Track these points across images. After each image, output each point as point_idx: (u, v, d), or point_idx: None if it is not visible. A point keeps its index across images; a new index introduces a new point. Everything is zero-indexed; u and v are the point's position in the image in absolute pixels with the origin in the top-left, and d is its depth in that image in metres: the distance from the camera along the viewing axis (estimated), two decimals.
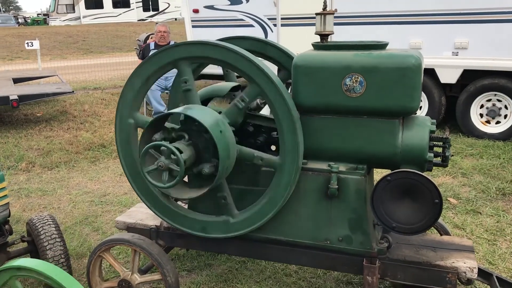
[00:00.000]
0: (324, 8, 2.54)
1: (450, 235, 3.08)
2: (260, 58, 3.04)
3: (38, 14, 56.08)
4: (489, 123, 6.45)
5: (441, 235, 3.08)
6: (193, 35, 8.42)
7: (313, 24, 2.63)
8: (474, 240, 3.69)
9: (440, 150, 2.51)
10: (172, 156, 2.21)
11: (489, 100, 6.40)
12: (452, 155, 2.62)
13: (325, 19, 2.56)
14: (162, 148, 2.23)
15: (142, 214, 3.09)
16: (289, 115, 2.33)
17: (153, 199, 2.72)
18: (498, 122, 6.41)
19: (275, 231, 2.63)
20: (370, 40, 2.57)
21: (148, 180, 2.29)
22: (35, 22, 43.41)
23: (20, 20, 46.90)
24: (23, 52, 19.63)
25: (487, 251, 3.52)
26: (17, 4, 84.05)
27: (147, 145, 2.28)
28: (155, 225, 2.93)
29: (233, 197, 2.64)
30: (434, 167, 2.52)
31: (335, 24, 2.70)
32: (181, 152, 2.23)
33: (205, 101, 2.78)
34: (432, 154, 2.40)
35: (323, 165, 2.51)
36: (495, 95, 6.31)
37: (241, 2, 7.86)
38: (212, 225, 2.63)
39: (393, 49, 2.44)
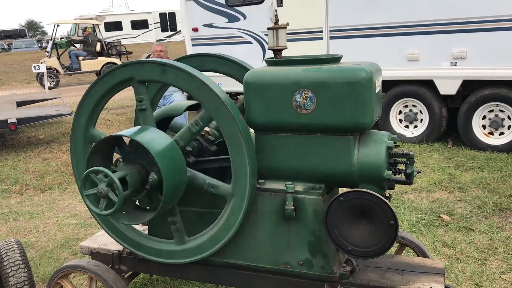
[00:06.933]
0: (276, 22, 2.45)
1: (428, 257, 2.92)
2: (219, 74, 3.00)
3: (61, 38, 57.43)
4: (493, 134, 6.19)
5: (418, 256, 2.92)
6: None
7: (311, 39, 2.55)
8: (463, 259, 3.49)
9: (403, 167, 2.37)
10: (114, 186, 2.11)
11: (491, 111, 6.15)
12: (419, 172, 2.46)
13: (278, 34, 2.47)
14: (103, 176, 2.14)
15: (107, 239, 3.00)
16: (238, 136, 2.23)
17: (109, 221, 2.63)
18: (501, 134, 6.15)
19: (234, 256, 2.51)
20: (324, 54, 2.48)
21: (85, 203, 2.21)
22: (58, 45, 44.43)
23: (44, 44, 48.12)
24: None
25: (474, 271, 3.32)
26: (43, 29, 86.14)
27: (89, 170, 2.19)
28: (117, 250, 2.85)
29: (191, 220, 2.54)
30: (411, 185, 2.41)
31: (331, 38, 2.62)
32: (125, 182, 2.15)
33: (161, 121, 2.71)
34: (390, 172, 2.26)
35: (280, 185, 2.39)
36: (497, 105, 6.06)
37: (239, 20, 7.82)
38: (161, 250, 2.54)
39: (346, 62, 2.33)
